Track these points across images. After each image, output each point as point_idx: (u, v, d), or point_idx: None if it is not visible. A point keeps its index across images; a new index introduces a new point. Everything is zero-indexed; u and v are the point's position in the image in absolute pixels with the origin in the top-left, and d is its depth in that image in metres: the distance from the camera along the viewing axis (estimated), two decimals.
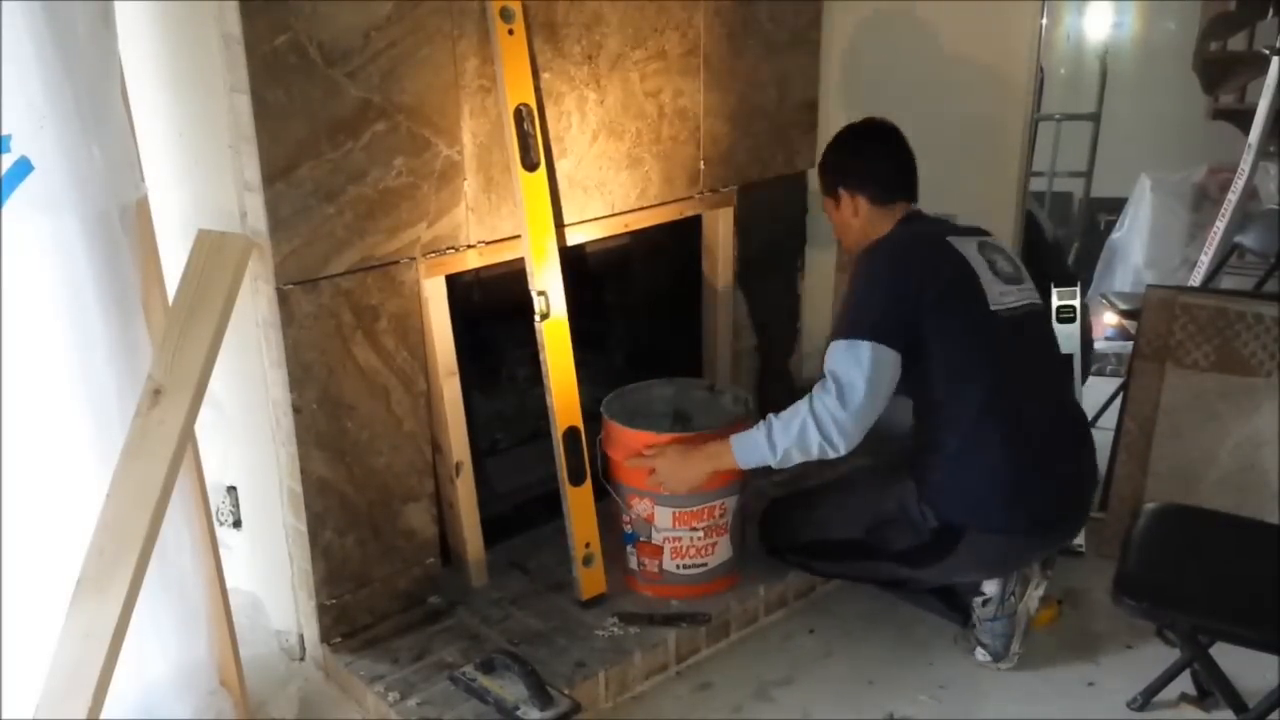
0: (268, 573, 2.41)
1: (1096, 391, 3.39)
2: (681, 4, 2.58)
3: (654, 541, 2.48)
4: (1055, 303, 2.83)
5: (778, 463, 2.25)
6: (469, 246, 2.36)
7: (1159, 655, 2.36)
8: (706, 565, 2.51)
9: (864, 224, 2.39)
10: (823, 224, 3.12)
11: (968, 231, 2.39)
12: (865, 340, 2.15)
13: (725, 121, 2.77)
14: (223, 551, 2.18)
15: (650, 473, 2.39)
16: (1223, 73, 4.29)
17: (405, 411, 2.34)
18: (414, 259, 2.28)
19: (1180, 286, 3.24)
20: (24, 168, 1.73)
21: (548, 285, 2.39)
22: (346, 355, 2.23)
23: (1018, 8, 3.12)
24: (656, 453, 2.38)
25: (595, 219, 2.57)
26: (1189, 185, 4.57)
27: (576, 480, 2.46)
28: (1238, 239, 3.90)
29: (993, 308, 2.25)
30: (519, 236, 2.38)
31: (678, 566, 2.50)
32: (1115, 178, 4.72)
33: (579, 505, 2.46)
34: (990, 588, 2.37)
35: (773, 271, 3.07)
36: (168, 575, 2.00)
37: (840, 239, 2.55)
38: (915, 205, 2.42)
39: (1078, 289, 2.88)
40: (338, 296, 2.19)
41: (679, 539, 2.47)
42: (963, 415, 2.24)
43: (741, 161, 2.85)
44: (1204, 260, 3.89)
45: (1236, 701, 2.09)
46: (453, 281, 2.37)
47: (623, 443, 2.46)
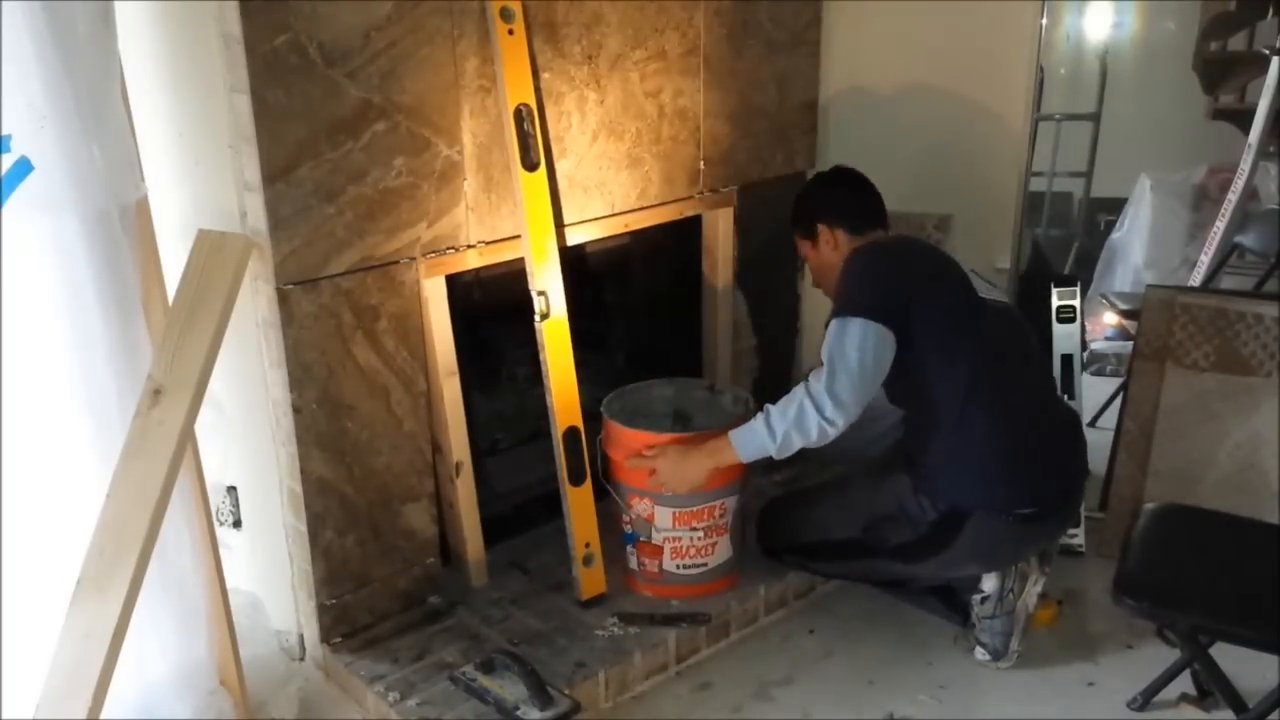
0: (268, 573, 2.41)
1: (1096, 391, 3.39)
2: (681, 4, 2.58)
3: (654, 541, 2.48)
4: (1055, 303, 2.84)
5: (778, 449, 2.25)
6: (469, 246, 2.36)
7: (1159, 655, 2.36)
8: (706, 565, 2.51)
9: (842, 257, 2.41)
10: None
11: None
12: (854, 317, 2.20)
13: (725, 121, 2.77)
14: (223, 551, 2.18)
15: (651, 473, 2.39)
16: (1223, 73, 4.29)
17: (405, 411, 2.35)
18: (414, 259, 2.28)
19: (1180, 286, 3.24)
20: (24, 168, 1.74)
21: (548, 285, 2.39)
22: (346, 355, 2.23)
23: (1018, 8, 3.12)
24: (657, 453, 2.39)
25: (595, 219, 2.57)
26: (1189, 185, 4.56)
27: (576, 480, 2.46)
28: (1238, 239, 3.90)
29: (983, 296, 2.38)
30: (519, 236, 2.38)
31: (678, 566, 2.50)
32: (1115, 178, 4.71)
33: (579, 505, 2.46)
34: (989, 584, 2.37)
35: (773, 271, 3.07)
36: (168, 575, 2.00)
37: (819, 281, 2.55)
38: (887, 232, 2.50)
39: (1078, 289, 2.88)
40: (338, 296, 2.19)
41: (679, 539, 2.47)
42: (953, 396, 2.28)
43: (741, 161, 2.85)
44: (1204, 260, 3.89)
45: (1236, 701, 2.10)
46: (453, 281, 2.37)
47: (623, 443, 2.46)
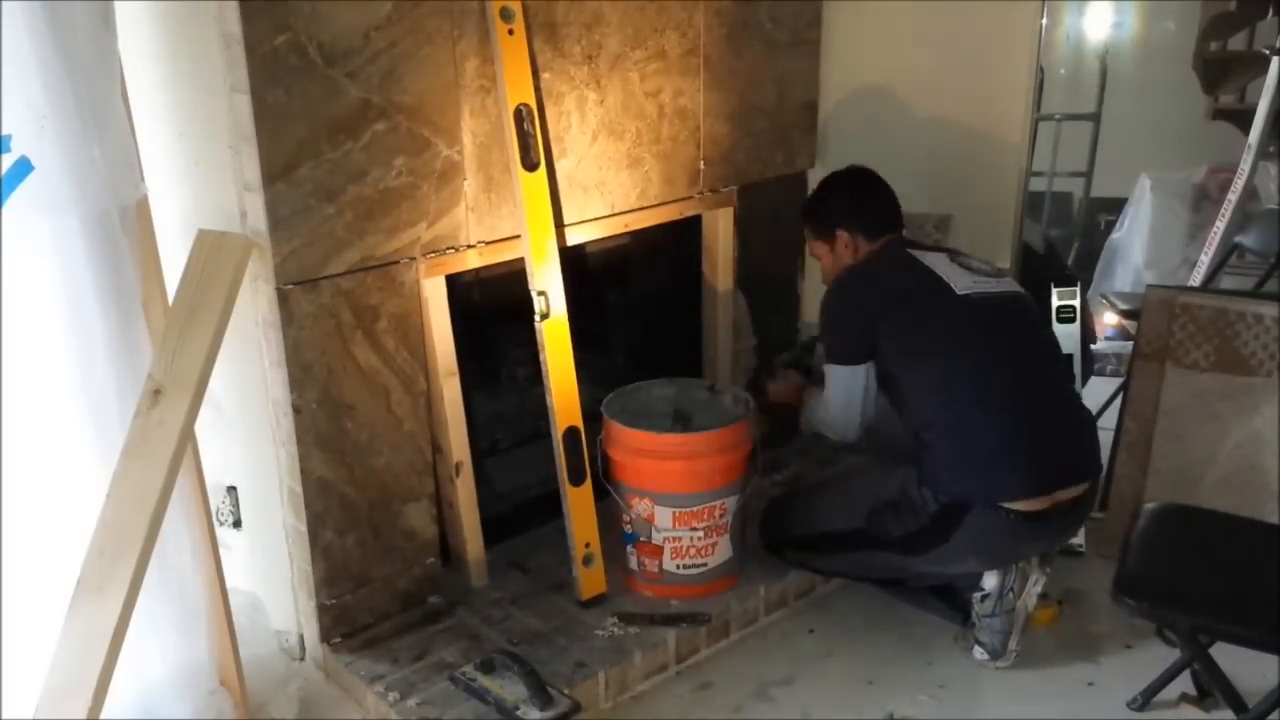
0: (268, 573, 2.41)
1: (1096, 391, 3.39)
2: (681, 4, 2.58)
3: (654, 541, 2.48)
4: (1055, 303, 2.84)
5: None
6: (469, 246, 2.36)
7: (1159, 655, 2.36)
8: (706, 565, 2.51)
9: (855, 258, 2.55)
10: None
11: (938, 249, 2.56)
12: (833, 365, 2.48)
13: (725, 121, 2.77)
14: (223, 551, 2.18)
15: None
16: (1223, 73, 4.30)
17: (405, 411, 2.35)
18: (414, 259, 2.28)
19: (1180, 286, 3.24)
20: (24, 168, 1.74)
21: (548, 285, 2.39)
22: (346, 355, 2.23)
23: (1018, 8, 3.12)
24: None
25: (595, 219, 2.57)
26: (1189, 185, 4.57)
27: (576, 480, 2.46)
28: (1238, 239, 3.90)
29: (961, 292, 2.38)
30: (519, 236, 2.38)
31: (678, 566, 2.50)
32: (1115, 178, 4.72)
33: (579, 505, 2.46)
34: (989, 583, 2.37)
35: (773, 271, 3.07)
36: (168, 575, 2.00)
37: (829, 279, 2.62)
38: (900, 233, 2.58)
39: (1078, 289, 2.88)
40: (338, 296, 2.19)
41: (679, 539, 2.47)
42: (940, 401, 2.32)
43: (741, 161, 2.85)
44: (1204, 260, 3.89)
45: (1236, 701, 2.09)
46: (453, 281, 2.37)
47: (623, 443, 2.46)
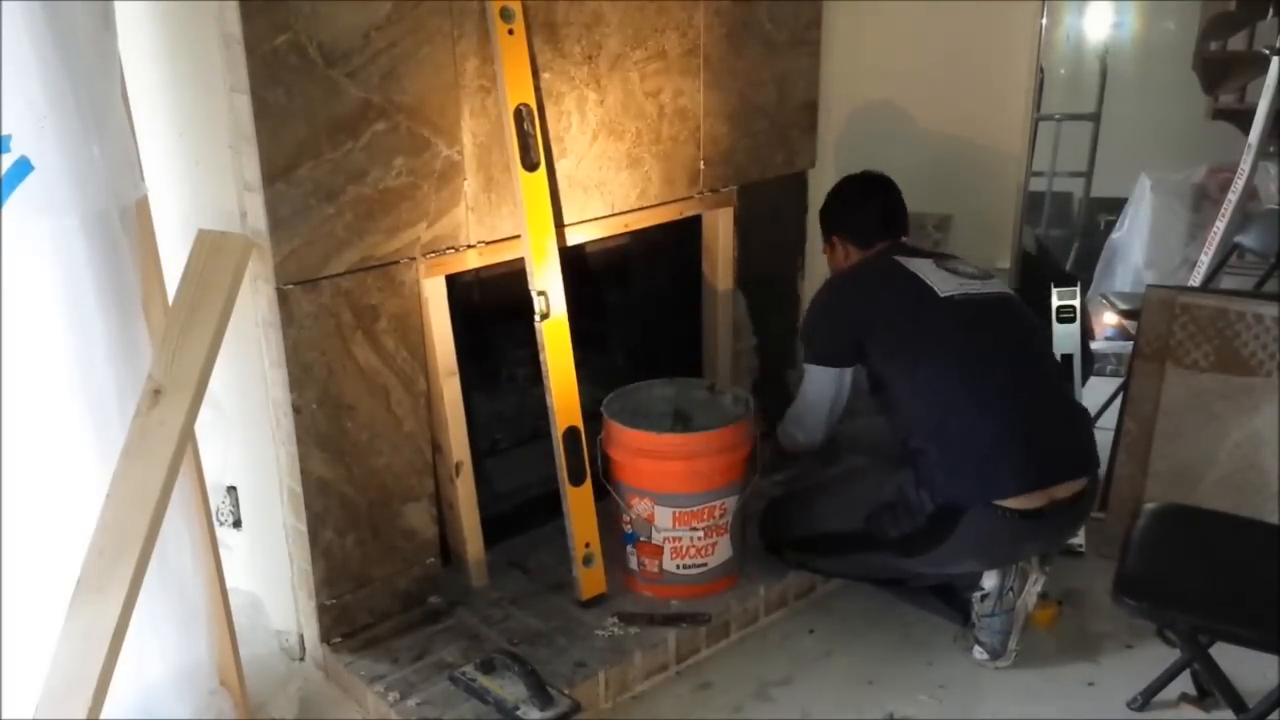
0: (268, 573, 2.41)
1: (1096, 391, 3.39)
2: (681, 4, 2.58)
3: (654, 541, 2.48)
4: (1055, 303, 2.84)
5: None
6: (469, 246, 2.36)
7: (1159, 655, 2.36)
8: (706, 565, 2.51)
9: (848, 263, 2.65)
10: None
11: (927, 254, 2.58)
12: (810, 364, 2.57)
13: (725, 121, 2.77)
14: (223, 551, 2.18)
15: None
16: (1223, 73, 4.29)
17: (405, 411, 2.35)
18: (414, 259, 2.28)
19: (1180, 286, 3.24)
20: (24, 168, 1.73)
21: (548, 285, 2.39)
22: (346, 355, 2.23)
23: (1018, 8, 3.12)
24: None
25: (595, 219, 2.57)
26: (1189, 185, 4.56)
27: (576, 480, 2.46)
28: (1238, 239, 3.89)
29: (943, 295, 2.40)
30: (519, 236, 2.38)
31: (678, 566, 2.50)
32: (1115, 178, 4.72)
33: (579, 505, 2.46)
34: (989, 582, 2.37)
35: (773, 271, 3.07)
36: (168, 575, 2.00)
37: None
38: (900, 240, 2.63)
39: (1078, 289, 2.88)
40: (338, 296, 2.19)
41: (679, 539, 2.47)
42: (930, 405, 2.34)
43: (741, 161, 2.85)
44: (1204, 260, 3.89)
45: (1236, 701, 2.09)
46: (453, 281, 2.37)
47: (623, 443, 2.46)
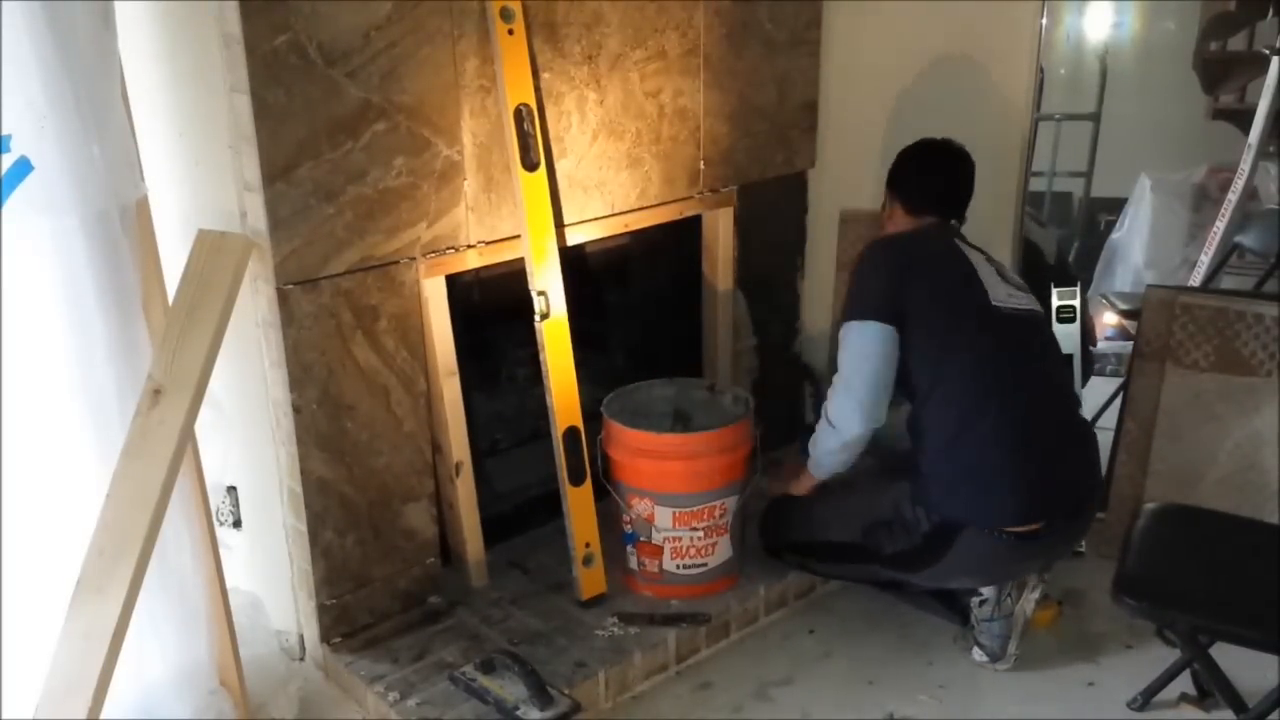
0: (268, 573, 2.41)
1: (1096, 391, 3.39)
2: (681, 4, 2.58)
3: (654, 541, 2.48)
4: (1055, 303, 2.84)
5: (825, 471, 2.44)
6: (469, 246, 2.36)
7: (1159, 655, 2.36)
8: (706, 565, 2.51)
9: (895, 226, 2.52)
10: (822, 224, 3.14)
11: (975, 249, 2.45)
12: (854, 320, 2.31)
13: (725, 121, 2.77)
14: (223, 551, 2.18)
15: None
16: (1223, 73, 4.30)
17: (405, 411, 2.34)
18: (414, 259, 2.28)
19: (1180, 286, 3.24)
20: (24, 168, 1.73)
21: (548, 285, 2.39)
22: (346, 355, 2.23)
23: (1018, 8, 3.12)
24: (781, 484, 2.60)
25: (595, 219, 2.57)
26: (1189, 185, 4.57)
27: (576, 480, 2.46)
28: (1238, 239, 3.90)
29: (994, 303, 2.31)
30: (519, 236, 2.38)
31: (678, 566, 2.50)
32: (1115, 178, 4.72)
33: (579, 505, 2.46)
34: (987, 589, 2.37)
35: (773, 271, 3.07)
36: (168, 575, 2.00)
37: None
38: (951, 223, 2.50)
39: (1078, 289, 2.88)
40: (338, 296, 2.19)
41: (679, 539, 2.47)
42: (947, 406, 2.26)
43: (741, 161, 2.85)
44: (1204, 260, 3.90)
45: (1236, 701, 2.09)
46: (453, 281, 2.37)
47: (623, 443, 2.46)
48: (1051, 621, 2.54)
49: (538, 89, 2.35)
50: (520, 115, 2.31)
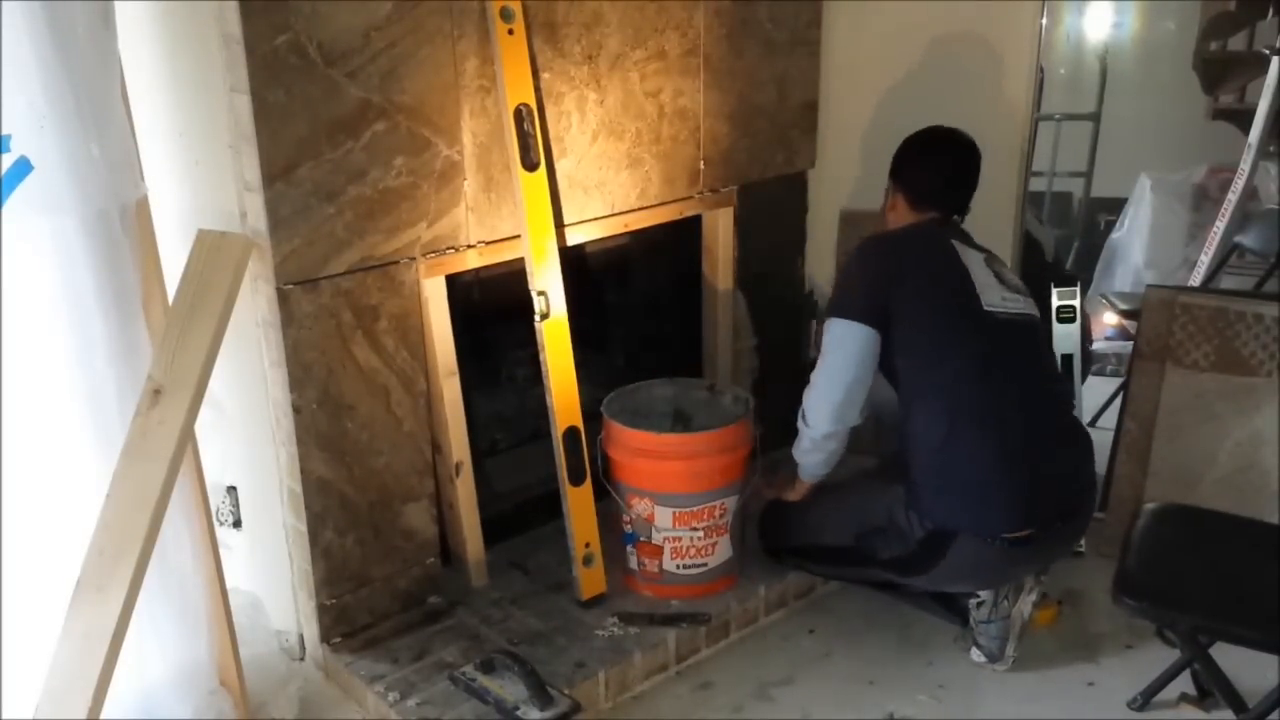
0: (268, 573, 2.41)
1: (1096, 391, 3.39)
2: (681, 4, 2.58)
3: (654, 541, 2.48)
4: (1055, 303, 2.84)
5: (810, 474, 2.45)
6: (469, 246, 2.36)
7: (1159, 655, 2.36)
8: (706, 565, 2.51)
9: (896, 218, 2.49)
10: (822, 224, 3.14)
11: (978, 248, 2.42)
12: (834, 318, 2.31)
13: (725, 121, 2.77)
14: (223, 551, 2.18)
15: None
16: (1223, 73, 4.30)
17: (405, 411, 2.35)
18: (414, 259, 2.28)
19: (1180, 286, 3.24)
20: (24, 168, 1.73)
21: (548, 285, 2.39)
22: (346, 355, 2.23)
23: (1018, 8, 3.12)
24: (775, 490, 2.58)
25: (595, 219, 2.57)
26: (1189, 185, 4.57)
27: (576, 480, 2.46)
28: (1238, 239, 3.90)
29: (986, 307, 2.28)
30: (519, 236, 2.38)
31: (678, 566, 2.50)
32: (1115, 178, 4.72)
33: (579, 505, 2.46)
34: (984, 591, 2.36)
35: (773, 271, 3.07)
36: (168, 575, 2.00)
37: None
38: (954, 218, 2.47)
39: (1078, 289, 2.88)
40: (338, 296, 2.19)
41: (679, 539, 2.47)
42: (939, 412, 2.24)
43: (741, 161, 2.85)
44: (1204, 260, 3.90)
45: (1236, 701, 2.10)
46: (453, 281, 2.37)
47: (623, 443, 2.46)
48: (1051, 621, 2.54)
49: (538, 89, 2.35)
50: (520, 115, 2.31)
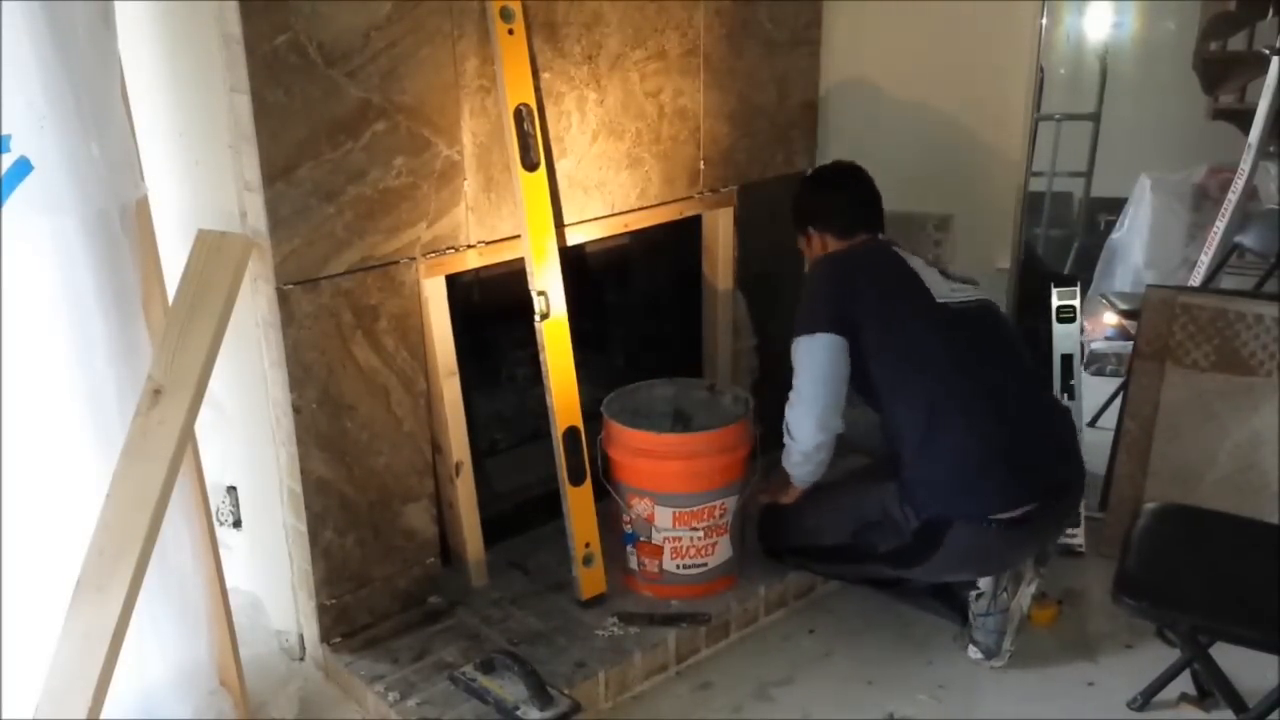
0: (268, 573, 2.41)
1: (1096, 391, 3.39)
2: (681, 4, 2.58)
3: (654, 541, 2.48)
4: (1055, 302, 2.84)
5: (803, 480, 2.48)
6: (469, 246, 2.36)
7: (1159, 655, 2.36)
8: (706, 565, 2.51)
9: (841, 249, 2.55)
10: None
11: (914, 254, 2.51)
12: (803, 335, 2.36)
13: (725, 121, 2.77)
14: (223, 551, 2.18)
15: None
16: (1223, 73, 4.29)
17: (405, 411, 2.35)
18: (414, 259, 2.28)
19: (1180, 286, 3.24)
20: (24, 168, 1.73)
21: (548, 285, 2.39)
22: (346, 355, 2.23)
23: (1018, 8, 3.11)
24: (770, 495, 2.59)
25: (595, 219, 2.57)
26: (1189, 185, 4.56)
27: (576, 480, 2.46)
28: (1238, 239, 3.89)
29: (939, 300, 2.37)
30: (519, 236, 2.38)
31: (678, 566, 2.50)
32: (1115, 178, 4.71)
33: (579, 505, 2.46)
34: (984, 581, 2.37)
35: (773, 271, 3.06)
36: (168, 575, 2.00)
37: None
38: (880, 236, 2.54)
39: (1078, 289, 2.89)
40: (338, 296, 2.19)
41: (679, 539, 2.47)
42: (915, 411, 2.30)
43: (741, 161, 2.85)
44: (1204, 260, 3.89)
45: (1236, 701, 2.10)
46: (453, 281, 2.37)
47: (623, 443, 2.46)
48: (1051, 621, 2.54)
49: (538, 89, 2.35)
50: (520, 115, 2.31)
